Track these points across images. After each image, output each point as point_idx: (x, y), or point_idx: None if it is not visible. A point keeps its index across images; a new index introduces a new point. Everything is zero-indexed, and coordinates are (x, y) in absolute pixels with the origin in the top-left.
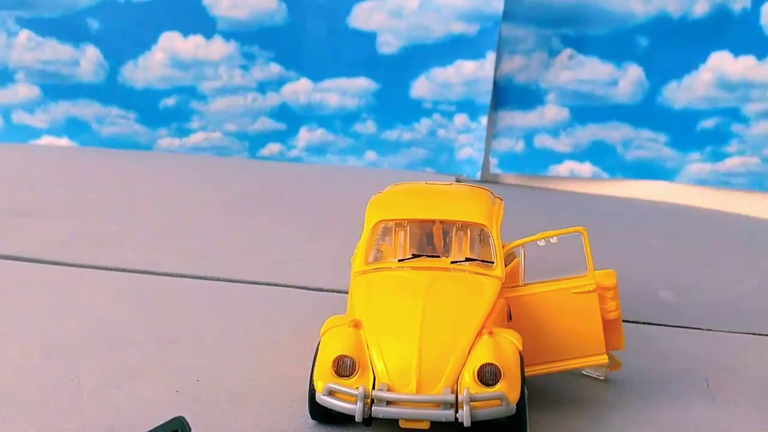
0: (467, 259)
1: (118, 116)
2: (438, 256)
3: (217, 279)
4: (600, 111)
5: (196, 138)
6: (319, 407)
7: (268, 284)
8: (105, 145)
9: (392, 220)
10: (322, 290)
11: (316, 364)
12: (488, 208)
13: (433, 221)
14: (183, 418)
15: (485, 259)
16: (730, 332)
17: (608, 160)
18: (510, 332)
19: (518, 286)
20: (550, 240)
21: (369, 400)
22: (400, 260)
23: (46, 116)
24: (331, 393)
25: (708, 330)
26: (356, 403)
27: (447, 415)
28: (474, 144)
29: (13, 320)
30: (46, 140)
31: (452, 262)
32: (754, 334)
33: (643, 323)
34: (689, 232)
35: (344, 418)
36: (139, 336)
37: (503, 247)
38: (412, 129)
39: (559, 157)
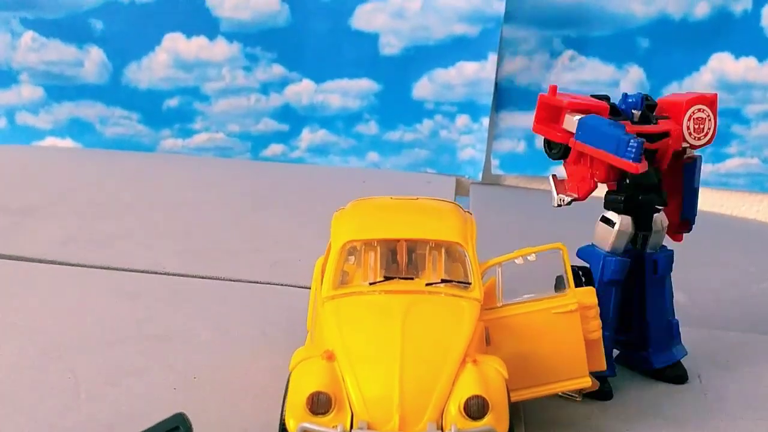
0: (443, 281)
1: (122, 117)
2: (411, 278)
3: (217, 278)
4: None
5: (199, 139)
6: None
7: (267, 283)
8: (108, 146)
9: (362, 240)
10: None
11: (287, 401)
12: (462, 225)
13: (409, 241)
14: (184, 414)
15: (461, 280)
16: (724, 329)
17: None
18: (494, 360)
19: (496, 307)
20: (528, 257)
21: None
22: (371, 283)
23: (49, 117)
24: None
25: (701, 327)
26: None
27: None
28: (476, 145)
29: (11, 319)
30: (50, 141)
31: (427, 284)
32: (748, 331)
33: None
34: (690, 233)
35: None
36: (137, 334)
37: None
38: (414, 130)
39: None
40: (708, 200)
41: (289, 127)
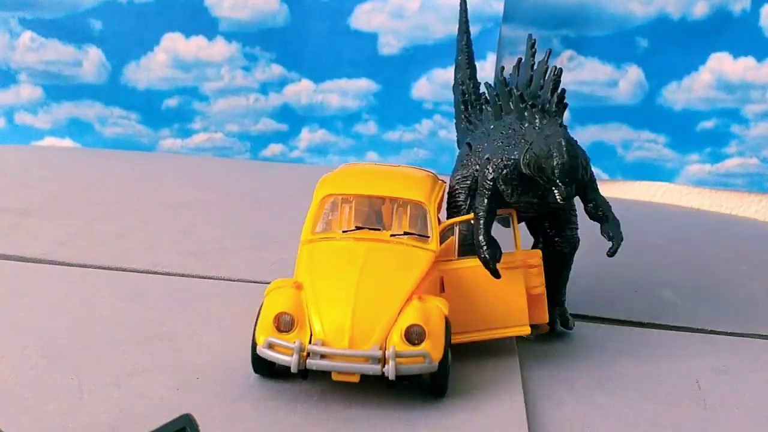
0: (405, 233)
1: (121, 117)
2: (378, 229)
3: (217, 278)
4: (600, 112)
5: (198, 139)
6: (261, 362)
7: (266, 283)
8: (107, 146)
9: (338, 194)
10: None
11: (258, 320)
12: (428, 188)
13: (379, 197)
14: (190, 415)
15: (423, 234)
16: (721, 334)
17: (608, 161)
18: (438, 299)
19: (452, 260)
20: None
21: (305, 354)
22: (344, 231)
23: (48, 117)
24: (270, 346)
25: (698, 332)
26: (292, 356)
27: (374, 369)
28: None
29: (14, 320)
30: (49, 141)
31: (392, 235)
32: (746, 335)
33: (638, 324)
34: (688, 234)
35: (286, 375)
36: (139, 334)
37: (440, 224)
38: (413, 130)
39: None
40: (707, 200)
41: (288, 127)
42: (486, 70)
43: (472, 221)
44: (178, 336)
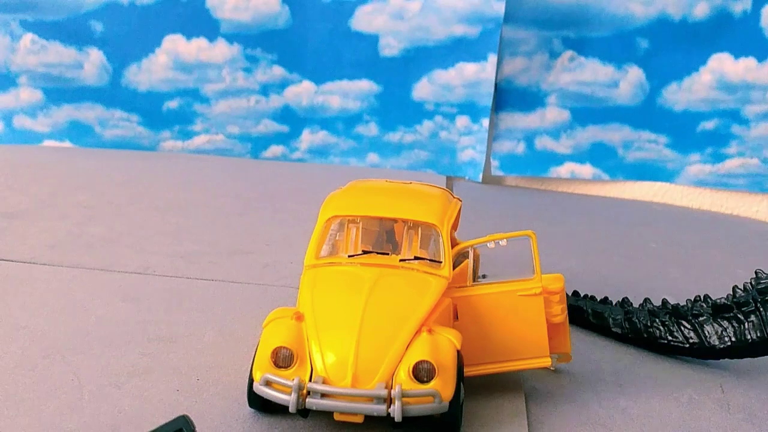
0: (416, 258)
1: (121, 119)
2: (387, 254)
3: (214, 280)
4: (601, 113)
5: (199, 140)
6: (257, 397)
7: (262, 284)
8: (108, 149)
9: (345, 216)
10: None
11: (256, 354)
12: (441, 209)
13: (391, 219)
14: (187, 416)
15: (435, 259)
16: None
17: (609, 161)
18: (450, 331)
19: (466, 286)
20: (500, 242)
21: (305, 392)
22: (349, 256)
23: (48, 120)
24: (268, 383)
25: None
26: (291, 395)
27: (379, 409)
28: (476, 146)
29: (14, 320)
30: (48, 144)
31: (401, 260)
32: None
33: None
34: (689, 234)
35: (284, 409)
36: (138, 336)
37: (453, 247)
38: (414, 131)
39: (559, 159)
40: (707, 200)
41: (289, 129)
42: (487, 71)
43: (489, 244)
44: (177, 337)
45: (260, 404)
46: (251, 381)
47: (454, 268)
